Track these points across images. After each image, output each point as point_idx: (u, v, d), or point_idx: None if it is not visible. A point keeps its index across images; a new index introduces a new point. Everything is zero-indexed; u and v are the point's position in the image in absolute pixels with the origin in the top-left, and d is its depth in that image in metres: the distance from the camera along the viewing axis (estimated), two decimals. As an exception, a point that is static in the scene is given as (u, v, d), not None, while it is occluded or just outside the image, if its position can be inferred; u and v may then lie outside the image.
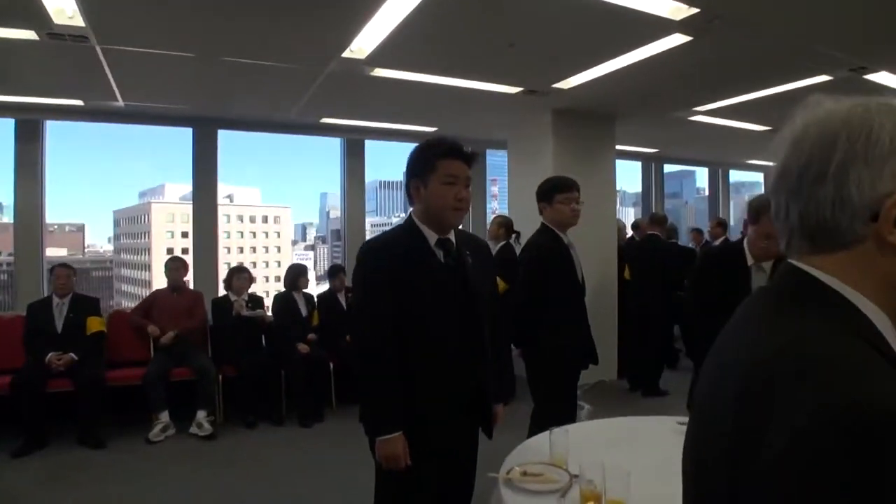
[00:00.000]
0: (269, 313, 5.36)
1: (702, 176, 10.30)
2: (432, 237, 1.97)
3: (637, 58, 4.09)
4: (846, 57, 4.06)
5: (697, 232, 8.83)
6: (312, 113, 5.58)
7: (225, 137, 6.02)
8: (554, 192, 3.10)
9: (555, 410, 3.00)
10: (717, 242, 7.20)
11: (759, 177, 11.42)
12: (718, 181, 10.51)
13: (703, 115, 5.98)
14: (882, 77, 4.59)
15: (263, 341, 5.34)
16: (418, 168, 1.95)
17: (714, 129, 6.53)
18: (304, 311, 5.32)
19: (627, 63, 4.20)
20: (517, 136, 6.30)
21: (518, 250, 5.27)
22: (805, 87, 4.81)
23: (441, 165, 1.92)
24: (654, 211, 7.95)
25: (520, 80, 4.63)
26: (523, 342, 3.13)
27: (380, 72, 4.23)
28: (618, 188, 6.62)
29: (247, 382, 4.88)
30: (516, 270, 3.34)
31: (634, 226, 7.33)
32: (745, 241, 2.62)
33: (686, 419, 2.11)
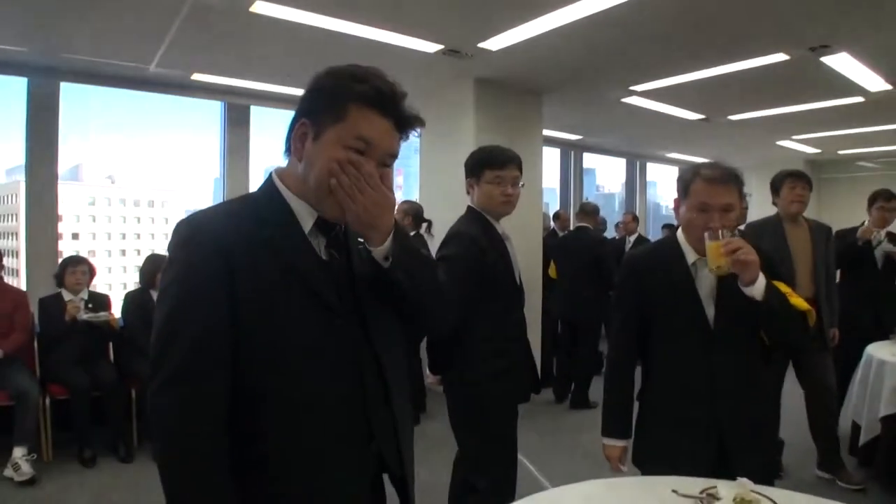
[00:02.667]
0: (119, 315, 4.30)
1: (602, 173, 9.94)
2: (307, 216, 1.17)
3: (575, 16, 3.50)
4: (811, 28, 3.60)
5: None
6: (179, 64, 4.53)
7: (92, 98, 4.84)
8: (483, 166, 2.35)
9: (488, 458, 2.31)
10: (632, 238, 6.79)
11: (669, 173, 11.32)
12: (636, 174, 10.27)
13: (638, 97, 5.50)
14: (841, 61, 4.22)
15: (111, 353, 4.28)
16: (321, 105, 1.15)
17: (646, 114, 6.14)
18: (163, 313, 4.26)
19: (564, 22, 3.60)
20: (433, 109, 5.48)
21: (432, 244, 4.55)
22: (760, 66, 4.39)
23: (354, 114, 1.12)
24: (583, 202, 7.44)
25: (441, 34, 3.85)
26: (441, 368, 2.39)
27: (261, 7, 3.31)
28: (542, 175, 6.01)
29: (82, 406, 3.84)
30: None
31: (555, 216, 6.79)
32: (679, 234, 1.93)
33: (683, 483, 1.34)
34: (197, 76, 4.85)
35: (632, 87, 5.22)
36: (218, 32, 3.76)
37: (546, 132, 6.24)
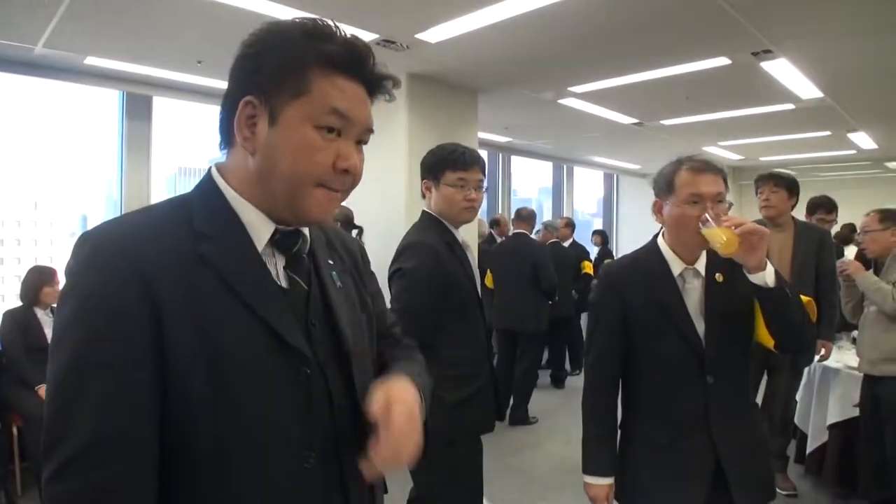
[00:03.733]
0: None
1: (518, 177, 9.91)
2: (262, 227, 0.92)
3: (517, 10, 3.37)
4: (756, 33, 3.60)
5: (598, 234, 8.51)
6: (71, 45, 4.02)
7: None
8: (444, 167, 2.14)
9: (450, 499, 2.11)
10: (567, 244, 6.75)
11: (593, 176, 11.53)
12: (563, 178, 10.34)
13: (576, 99, 5.45)
14: (779, 67, 4.30)
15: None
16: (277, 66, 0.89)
17: (582, 116, 6.10)
18: (49, 336, 3.75)
19: (505, 17, 3.45)
20: (362, 106, 5.23)
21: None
22: (701, 70, 4.41)
23: (319, 82, 0.89)
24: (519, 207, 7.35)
25: (377, 22, 3.59)
26: None
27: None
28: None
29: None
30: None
31: (493, 223, 6.67)
32: (660, 242, 1.80)
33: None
34: (91, 60, 4.33)
35: (570, 88, 5.14)
36: (116, 8, 3.33)
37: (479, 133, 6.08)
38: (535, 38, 3.83)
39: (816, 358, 3.50)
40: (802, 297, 1.71)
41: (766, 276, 1.56)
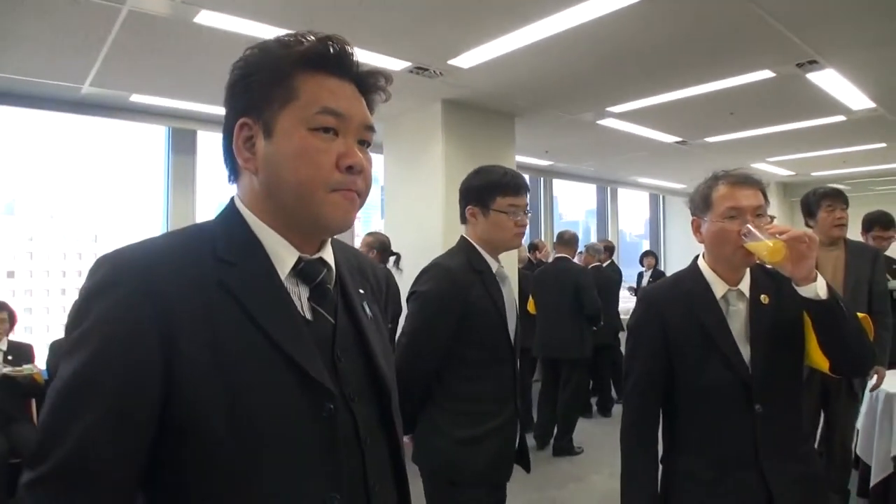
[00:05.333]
0: (44, 368, 3.86)
1: (564, 201, 9.80)
2: (286, 255, 0.90)
3: (550, 31, 3.34)
4: (799, 42, 3.48)
5: (650, 255, 8.31)
6: (116, 84, 4.17)
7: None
8: (495, 192, 1.99)
9: None
10: (604, 266, 6.60)
11: (641, 197, 11.33)
12: (607, 201, 10.20)
13: (615, 119, 5.37)
14: (827, 77, 4.14)
15: (34, 412, 3.82)
16: (266, 89, 0.90)
17: (622, 137, 6.01)
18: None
19: (539, 38, 3.43)
20: (398, 132, 5.28)
21: (400, 279, 4.25)
22: (743, 85, 4.31)
23: (305, 85, 0.89)
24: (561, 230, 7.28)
25: (409, 50, 3.62)
26: (409, 426, 2.06)
27: (207, 17, 3.02)
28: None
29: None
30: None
31: (532, 247, 6.60)
32: (701, 263, 1.72)
33: None
34: (136, 97, 4.50)
35: (609, 109, 5.08)
36: (158, 47, 3.45)
37: (518, 157, 6.05)
38: (569, 58, 3.81)
39: (870, 384, 3.30)
40: (858, 313, 1.61)
41: (818, 288, 1.47)
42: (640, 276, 7.91)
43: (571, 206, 8.87)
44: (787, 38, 3.42)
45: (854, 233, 3.44)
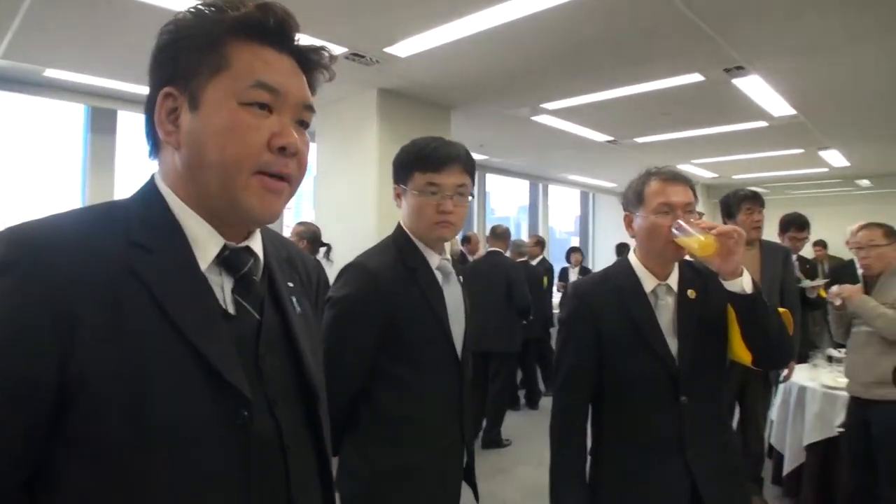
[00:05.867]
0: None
1: (494, 196, 9.98)
2: (209, 242, 0.82)
3: (488, 24, 3.32)
4: (728, 47, 3.61)
5: (577, 252, 8.37)
6: (30, 57, 3.89)
7: None
8: (413, 167, 1.63)
9: None
10: (536, 262, 6.71)
11: (572, 194, 11.56)
12: (539, 196, 10.35)
13: (549, 116, 5.44)
14: (752, 83, 4.32)
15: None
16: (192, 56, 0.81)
17: (556, 134, 6.07)
18: None
19: (477, 30, 3.40)
20: (332, 121, 5.15)
21: (331, 271, 4.14)
22: (674, 87, 4.44)
23: (238, 55, 0.80)
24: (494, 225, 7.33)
25: (345, 36, 3.52)
26: (335, 450, 1.73)
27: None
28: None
29: None
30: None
31: (464, 240, 6.60)
32: (631, 258, 1.74)
33: None
34: (52, 73, 4.21)
35: (544, 105, 5.13)
36: (75, 19, 3.23)
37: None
38: (506, 52, 3.80)
39: (781, 377, 3.48)
40: (780, 309, 1.67)
41: (744, 283, 1.52)
42: (565, 271, 8.04)
43: (504, 202, 8.94)
44: (717, 43, 3.53)
45: (770, 233, 3.60)
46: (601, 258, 10.97)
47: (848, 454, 3.12)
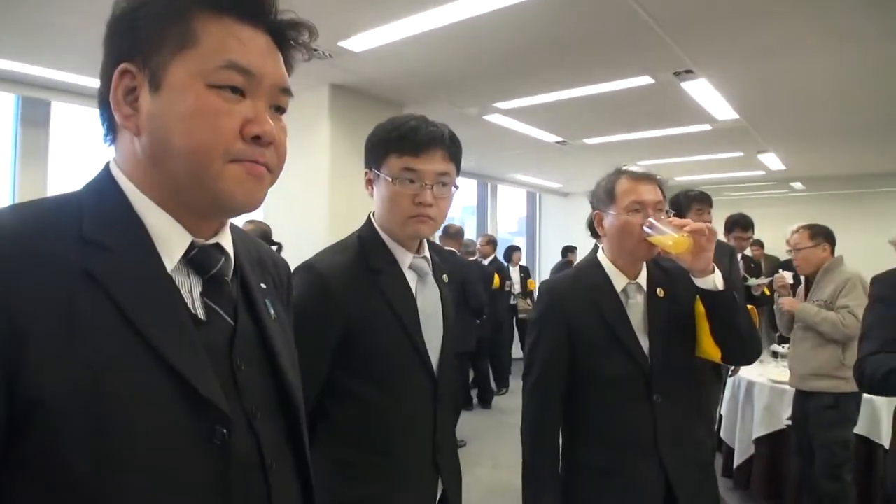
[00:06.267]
0: None
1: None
2: (175, 239, 0.74)
3: (444, 21, 3.27)
4: (679, 51, 3.68)
5: (517, 251, 8.36)
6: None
7: None
8: (387, 149, 1.42)
9: None
10: (488, 261, 6.75)
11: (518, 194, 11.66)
12: (487, 196, 10.38)
13: (501, 116, 5.44)
14: (699, 87, 4.42)
15: None
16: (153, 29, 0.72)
17: (507, 134, 6.07)
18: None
19: (432, 27, 3.36)
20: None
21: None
22: (624, 89, 4.49)
23: (207, 30, 0.71)
24: (447, 224, 7.32)
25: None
26: None
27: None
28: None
29: None
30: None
31: (416, 240, 6.56)
32: (600, 256, 1.74)
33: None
34: (-24, 61, 3.94)
35: (496, 104, 5.13)
36: (6, 1, 3.02)
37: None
38: (462, 50, 3.77)
39: (730, 371, 3.59)
40: (748, 306, 1.70)
41: (715, 280, 1.54)
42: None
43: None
44: (669, 47, 3.59)
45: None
46: (547, 258, 11.10)
47: (794, 445, 3.24)
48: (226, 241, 0.79)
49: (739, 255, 4.22)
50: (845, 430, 2.98)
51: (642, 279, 1.71)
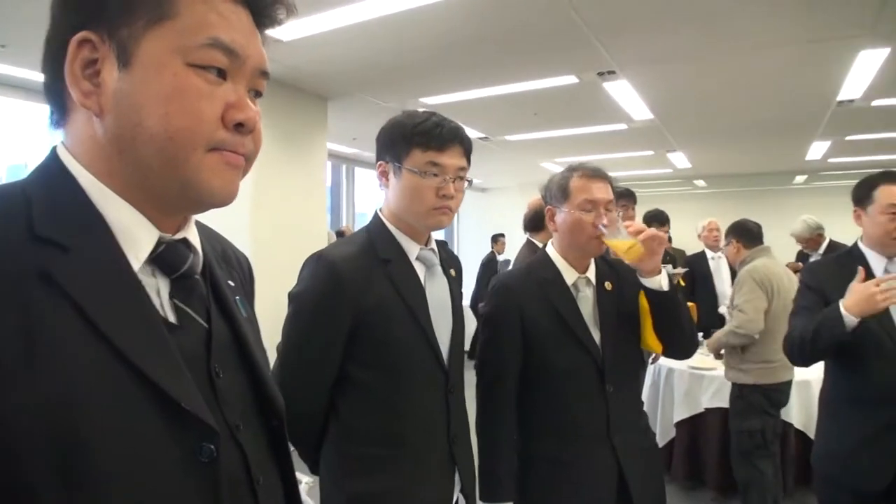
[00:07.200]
0: None
1: (359, 192, 9.88)
2: (142, 235, 0.66)
3: (376, 13, 3.24)
4: (604, 51, 3.81)
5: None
6: None
7: None
8: (410, 142, 1.42)
9: None
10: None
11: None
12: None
13: (426, 111, 5.41)
14: (620, 87, 4.60)
15: None
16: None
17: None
18: None
19: (364, 18, 3.31)
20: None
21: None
22: (551, 87, 4.61)
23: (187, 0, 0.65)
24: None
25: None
26: (312, 469, 1.58)
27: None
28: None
29: None
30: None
31: (339, 234, 6.47)
32: (550, 250, 1.79)
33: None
34: None
35: (421, 100, 5.12)
36: None
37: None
38: (391, 44, 3.74)
39: (651, 357, 3.78)
40: (689, 303, 1.79)
41: (661, 280, 1.62)
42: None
43: (367, 198, 8.85)
44: (595, 48, 3.71)
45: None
46: (467, 255, 11.21)
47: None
48: (193, 235, 0.72)
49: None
50: (751, 420, 3.12)
51: (591, 273, 1.76)
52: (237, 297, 0.78)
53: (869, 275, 1.96)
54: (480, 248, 9.21)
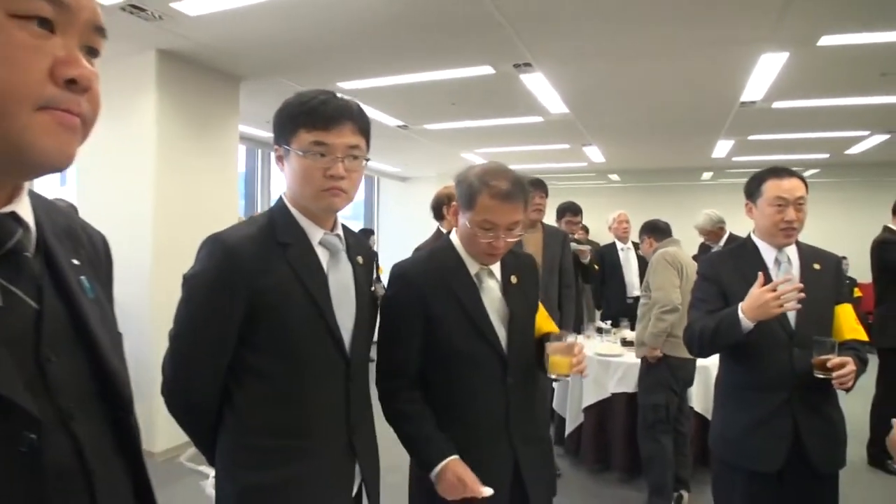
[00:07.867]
0: None
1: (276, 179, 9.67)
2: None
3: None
4: (520, 43, 3.85)
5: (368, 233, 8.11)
6: None
7: None
8: (295, 123, 1.39)
9: None
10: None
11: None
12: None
13: (343, 96, 5.26)
14: (536, 80, 4.67)
15: None
16: None
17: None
18: None
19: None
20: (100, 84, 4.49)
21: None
22: (467, 77, 4.63)
23: None
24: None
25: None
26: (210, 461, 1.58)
27: None
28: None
29: None
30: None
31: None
32: (454, 239, 1.76)
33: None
34: None
35: (339, 84, 5.01)
36: None
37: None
38: (307, 23, 3.63)
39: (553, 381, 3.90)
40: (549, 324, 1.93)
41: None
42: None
43: (285, 183, 8.63)
44: (512, 39, 3.74)
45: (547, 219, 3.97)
46: (386, 243, 11.14)
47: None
48: (23, 209, 0.65)
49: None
50: (656, 395, 3.31)
51: (495, 267, 1.74)
52: (81, 277, 0.72)
53: (761, 265, 2.06)
54: (401, 237, 9.17)
